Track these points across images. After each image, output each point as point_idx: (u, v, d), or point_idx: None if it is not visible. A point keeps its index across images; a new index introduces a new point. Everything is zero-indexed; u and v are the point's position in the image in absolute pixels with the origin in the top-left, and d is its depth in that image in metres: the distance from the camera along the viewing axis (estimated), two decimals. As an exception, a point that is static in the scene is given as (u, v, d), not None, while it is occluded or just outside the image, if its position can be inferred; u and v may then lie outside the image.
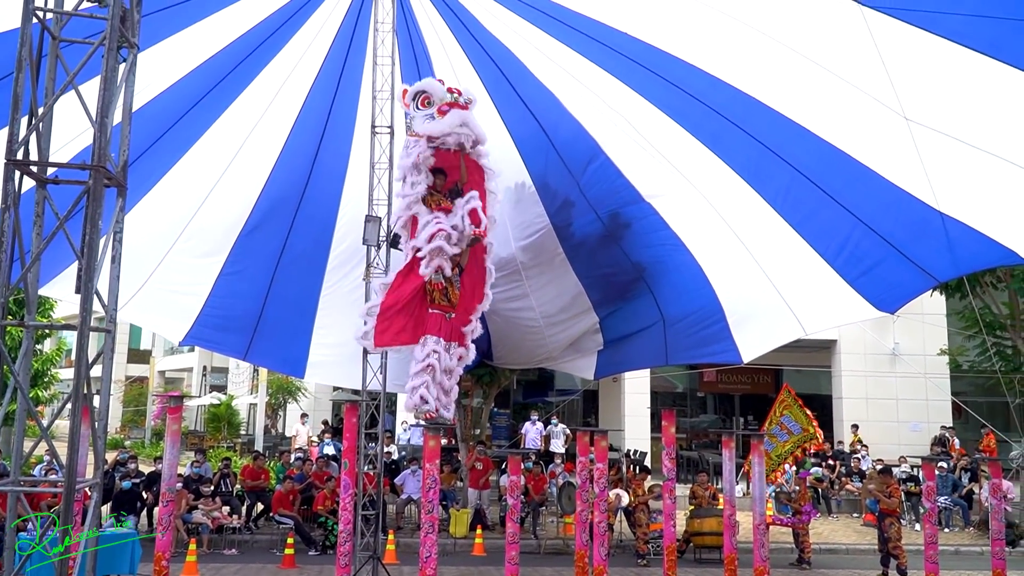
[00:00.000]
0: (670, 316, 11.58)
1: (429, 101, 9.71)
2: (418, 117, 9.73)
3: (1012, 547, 14.17)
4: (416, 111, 9.74)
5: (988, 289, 16.65)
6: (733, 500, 8.09)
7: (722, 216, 10.44)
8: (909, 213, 8.81)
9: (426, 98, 9.73)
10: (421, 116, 9.71)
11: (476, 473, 15.33)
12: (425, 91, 9.78)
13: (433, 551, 6.58)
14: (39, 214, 5.96)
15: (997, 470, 8.89)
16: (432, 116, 9.61)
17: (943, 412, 21.93)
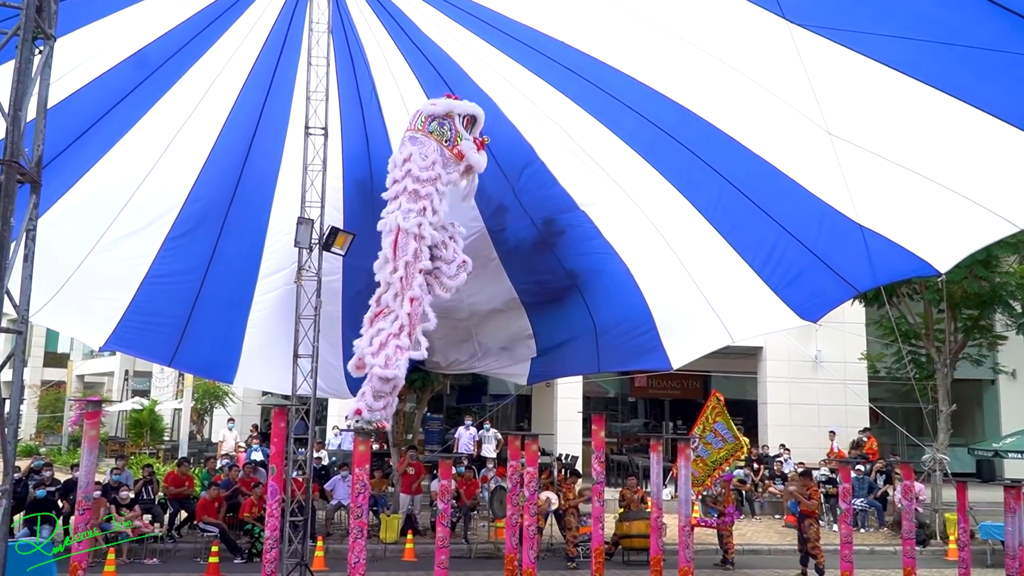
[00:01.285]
0: (602, 325, 11.72)
1: (472, 125, 9.62)
2: (467, 139, 9.55)
3: (923, 546, 14.74)
4: (462, 128, 9.54)
5: (904, 300, 17.28)
6: (660, 503, 8.21)
7: (654, 225, 10.62)
8: (831, 225, 9.10)
9: (470, 121, 9.61)
10: (469, 140, 9.55)
11: (408, 478, 15.23)
12: (476, 117, 9.65)
13: (362, 557, 6.50)
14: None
15: (909, 472, 9.25)
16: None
17: (861, 417, 22.70)
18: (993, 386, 25.74)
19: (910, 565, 8.58)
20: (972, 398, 26.06)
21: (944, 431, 16.48)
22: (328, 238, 10.45)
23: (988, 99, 7.18)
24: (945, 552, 14.87)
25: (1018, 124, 7.17)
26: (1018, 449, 17.57)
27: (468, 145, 9.43)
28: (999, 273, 16.04)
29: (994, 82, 7.06)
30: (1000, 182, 7.91)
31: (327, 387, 12.98)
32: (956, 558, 10.12)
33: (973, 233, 8.55)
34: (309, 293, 10.59)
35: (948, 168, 8.02)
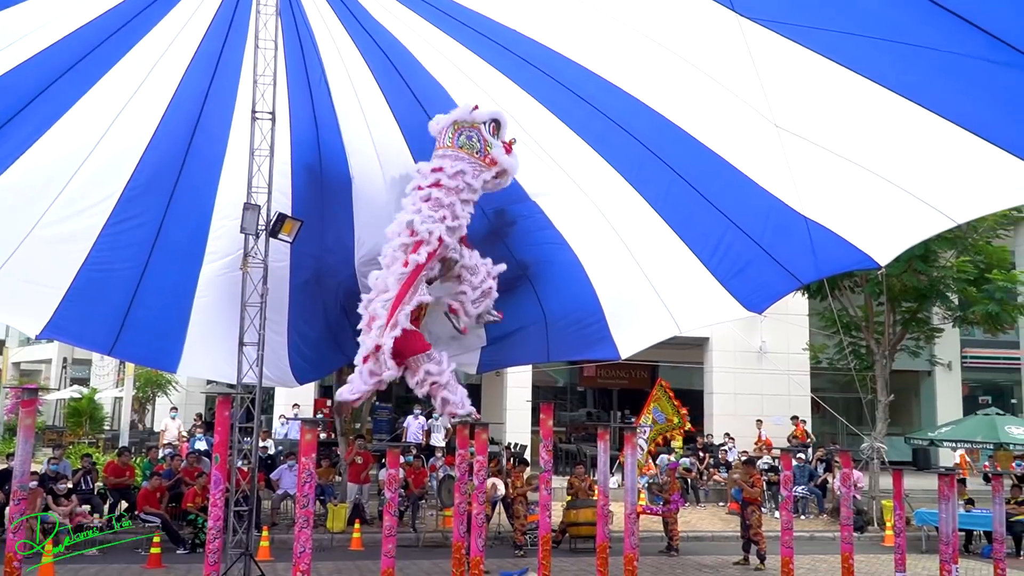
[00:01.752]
0: (552, 315, 11.77)
1: (498, 130, 9.59)
2: (496, 146, 9.55)
3: (860, 532, 15.18)
4: (490, 136, 9.54)
5: (846, 292, 17.70)
6: (607, 491, 8.30)
7: (605, 216, 10.69)
8: (778, 218, 9.27)
9: (495, 127, 9.60)
10: (498, 145, 9.55)
11: (356, 467, 15.13)
12: (499, 121, 9.64)
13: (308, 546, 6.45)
14: None
15: (848, 460, 9.49)
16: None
17: (803, 407, 23.23)
18: (930, 377, 26.59)
19: (848, 551, 8.81)
20: (909, 389, 26.88)
21: (882, 420, 16.96)
22: (275, 224, 10.29)
23: (929, 96, 7.36)
24: (882, 538, 15.32)
25: (957, 121, 7.36)
26: (952, 438, 18.16)
27: (499, 151, 9.56)
28: (937, 267, 16.52)
29: (935, 80, 7.24)
30: (939, 177, 8.13)
31: (273, 376, 12.82)
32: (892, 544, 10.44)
33: (912, 227, 8.79)
34: (255, 280, 10.42)
35: (890, 162, 8.21)
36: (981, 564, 12.92)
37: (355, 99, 10.44)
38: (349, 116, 10.68)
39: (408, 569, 11.47)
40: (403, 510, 14.74)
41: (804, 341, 23.23)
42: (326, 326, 12.68)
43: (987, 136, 7.32)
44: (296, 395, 20.75)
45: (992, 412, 18.81)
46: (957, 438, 17.95)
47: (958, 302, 17.95)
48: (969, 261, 16.44)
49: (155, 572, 11.02)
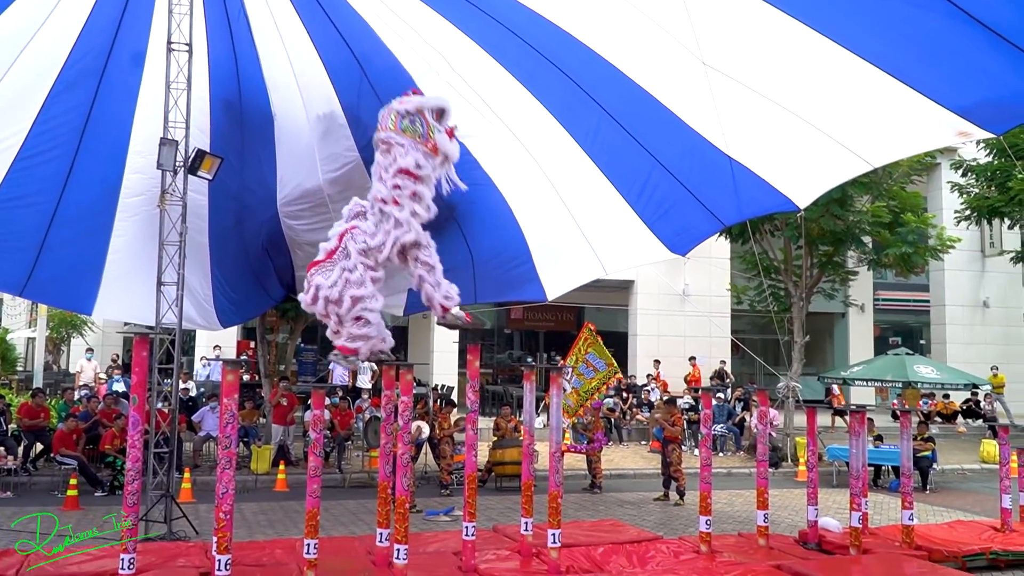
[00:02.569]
0: (480, 256, 11.70)
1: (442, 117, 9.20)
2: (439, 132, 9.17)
3: (775, 468, 15.84)
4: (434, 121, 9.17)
5: (766, 236, 18.13)
6: (532, 431, 8.41)
7: (533, 157, 10.59)
8: (703, 157, 9.31)
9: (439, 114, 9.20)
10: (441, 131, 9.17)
11: (281, 409, 15.04)
12: (445, 109, 9.24)
13: (230, 487, 6.39)
14: None
15: (765, 399, 9.84)
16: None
17: (724, 348, 23.94)
18: (843, 319, 27.64)
19: (763, 485, 9.17)
20: (824, 330, 27.90)
21: (798, 361, 17.58)
22: (194, 161, 9.93)
23: (851, 37, 7.42)
24: (795, 473, 16.03)
25: (878, 64, 7.45)
26: (864, 377, 18.98)
27: (441, 137, 9.27)
28: (853, 212, 17.03)
29: (857, 21, 7.30)
30: (858, 121, 8.27)
31: (199, 318, 12.53)
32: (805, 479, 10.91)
33: (831, 171, 8.98)
34: (174, 218, 10.09)
35: (812, 105, 8.29)
36: (889, 497, 13.66)
37: (276, 32, 10.03)
38: (270, 50, 10.27)
39: (333, 509, 11.54)
40: (328, 451, 14.76)
41: (725, 284, 23.80)
42: (249, 268, 12.40)
43: (906, 80, 7.45)
44: (218, 337, 20.36)
45: (902, 352, 19.67)
46: (868, 377, 18.76)
47: (872, 246, 18.61)
48: (884, 206, 16.99)
49: (72, 514, 10.81)
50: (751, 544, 9.11)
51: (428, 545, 8.73)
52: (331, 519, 10.83)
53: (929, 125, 7.81)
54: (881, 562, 8.61)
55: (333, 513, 11.27)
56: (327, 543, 8.23)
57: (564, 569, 7.73)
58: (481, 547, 8.18)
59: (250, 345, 21.25)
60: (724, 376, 22.83)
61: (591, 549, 8.53)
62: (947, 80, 7.38)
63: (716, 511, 10.46)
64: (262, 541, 9.01)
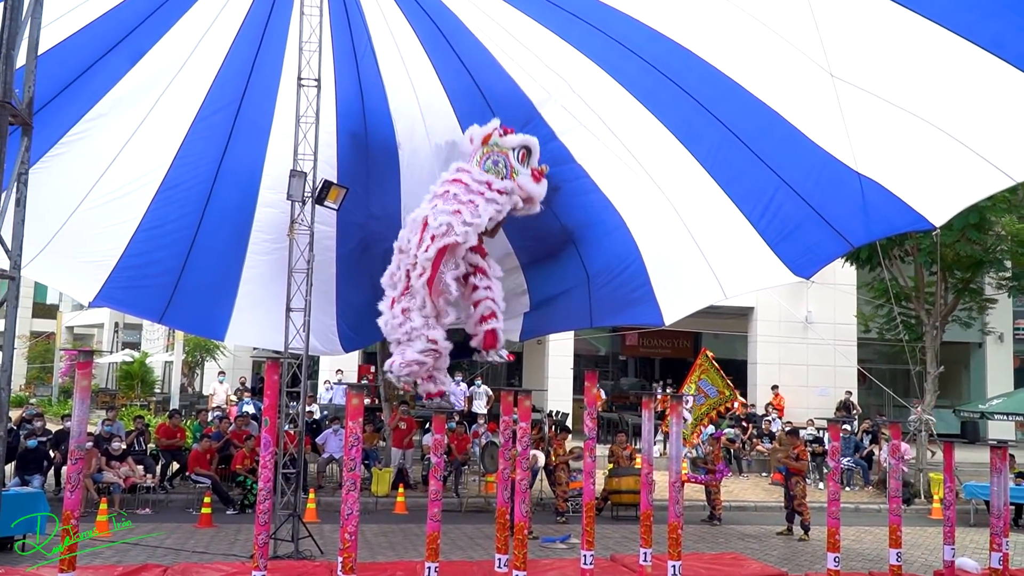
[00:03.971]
0: (596, 276, 11.65)
1: (528, 157, 9.60)
2: (523, 174, 9.58)
3: (907, 505, 14.99)
4: (517, 163, 9.63)
5: (896, 262, 17.35)
6: (651, 459, 8.27)
7: (652, 177, 10.46)
8: (830, 175, 8.94)
9: (525, 154, 9.62)
10: (525, 171, 9.56)
11: (400, 433, 15.33)
12: (530, 148, 9.64)
13: (355, 508, 6.54)
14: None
15: (897, 432, 9.29)
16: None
17: (849, 378, 22.89)
18: (980, 348, 25.99)
19: (896, 522, 8.67)
20: (959, 360, 26.31)
21: (931, 392, 16.69)
22: (321, 191, 10.36)
23: (995, 39, 7.03)
24: (929, 511, 15.13)
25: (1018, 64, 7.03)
26: (1003, 411, 17.78)
27: (525, 179, 9.51)
28: (991, 236, 16.09)
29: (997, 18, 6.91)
30: (998, 131, 7.76)
31: (321, 344, 12.98)
32: (939, 516, 10.27)
33: (970, 185, 8.45)
34: (302, 247, 10.53)
35: (947, 113, 7.86)
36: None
37: (401, 65, 10.39)
38: (395, 82, 10.64)
39: (451, 533, 11.62)
40: (446, 475, 14.89)
41: (852, 311, 22.81)
42: (373, 294, 12.78)
43: None
44: (340, 361, 21.02)
45: (1045, 384, 18.42)
46: (1008, 411, 17.58)
47: (1012, 271, 17.50)
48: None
49: (206, 531, 11.32)
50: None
51: (545, 572, 8.67)
52: (448, 543, 10.90)
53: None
54: (1028, 608, 8.02)
55: (451, 537, 11.35)
56: (447, 567, 8.28)
57: (685, 602, 7.53)
58: None
59: (370, 370, 21.83)
60: (851, 407, 21.84)
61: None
62: None
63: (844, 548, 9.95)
64: (384, 563, 9.17)
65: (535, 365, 24.96)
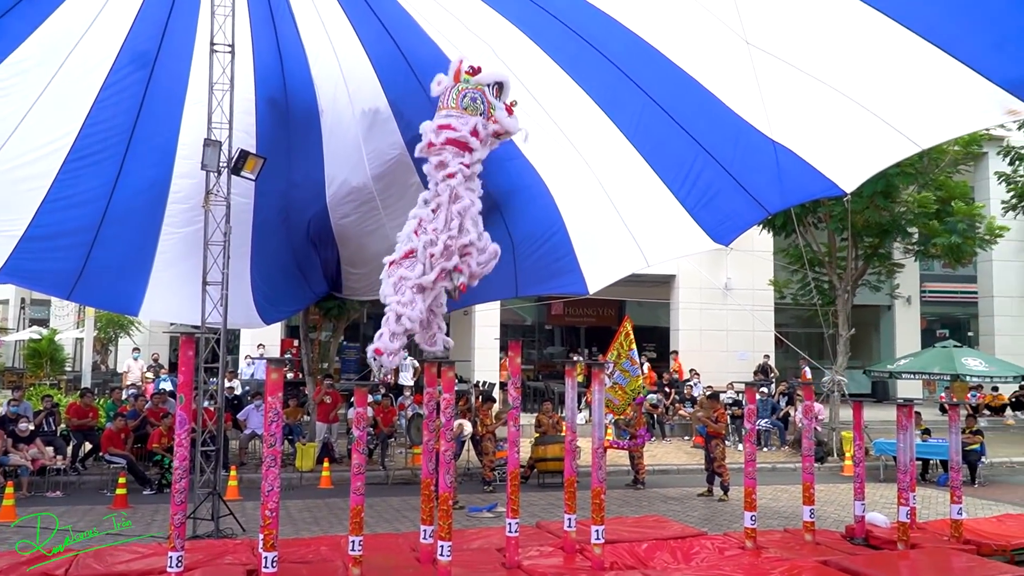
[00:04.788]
0: (521, 246, 11.65)
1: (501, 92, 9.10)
2: (499, 108, 9.01)
3: (820, 463, 15.60)
4: (493, 99, 9.02)
5: (810, 228, 17.87)
6: (575, 427, 8.36)
7: (574, 145, 10.47)
8: (747, 142, 9.10)
9: (499, 90, 9.09)
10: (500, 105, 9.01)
11: (324, 407, 15.19)
12: (503, 83, 9.06)
13: (276, 484, 6.44)
14: None
15: (810, 393, 9.61)
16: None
17: (767, 342, 23.64)
18: (889, 311, 27.16)
19: (809, 480, 9.00)
20: (870, 323, 27.46)
21: (843, 354, 17.32)
22: (237, 161, 10.06)
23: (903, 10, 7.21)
24: (841, 468, 15.80)
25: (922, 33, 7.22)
26: (910, 370, 18.64)
27: (501, 113, 9.10)
28: (898, 203, 16.71)
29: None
30: (905, 99, 7.99)
31: (238, 318, 12.69)
32: (851, 473, 10.71)
33: (878, 153, 8.72)
34: (218, 218, 10.22)
35: (857, 82, 8.05)
36: (937, 492, 13.40)
37: (322, 29, 10.10)
38: (316, 48, 10.35)
39: (378, 506, 11.60)
40: (372, 448, 14.85)
41: (768, 277, 23.52)
42: (293, 263, 12.53)
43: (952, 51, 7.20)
44: (261, 335, 20.64)
45: (949, 345, 19.29)
46: (915, 369, 18.42)
47: (919, 236, 18.24)
48: (930, 196, 16.63)
49: (121, 512, 11.02)
50: (797, 540, 8.95)
51: (472, 542, 8.71)
52: (375, 516, 10.89)
53: (978, 102, 7.54)
54: (929, 557, 8.42)
55: (377, 510, 11.33)
56: (372, 540, 8.25)
57: (608, 565, 7.67)
58: (524, 544, 8.14)
59: (293, 343, 21.50)
60: (768, 371, 22.57)
61: (635, 545, 8.44)
62: (995, 50, 7.08)
63: (761, 507, 10.31)
64: (308, 538, 9.08)
65: (462, 336, 24.97)
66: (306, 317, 16.32)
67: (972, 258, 21.92)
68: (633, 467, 13.89)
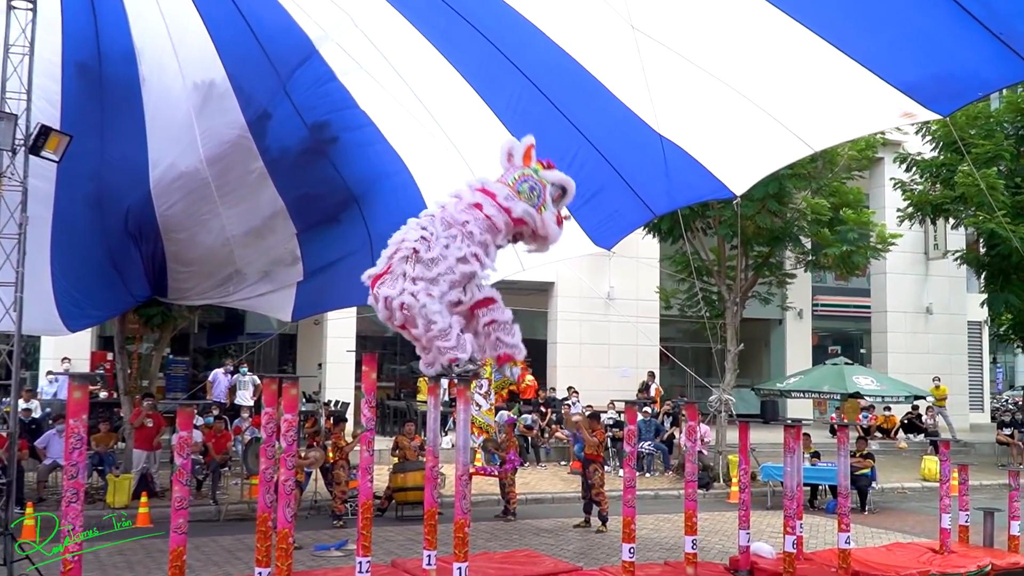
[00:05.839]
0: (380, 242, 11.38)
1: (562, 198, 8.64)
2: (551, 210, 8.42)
3: (706, 489, 16.16)
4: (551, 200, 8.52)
5: (699, 234, 18.53)
6: (437, 451, 8.32)
7: (443, 129, 10.45)
8: (634, 135, 9.30)
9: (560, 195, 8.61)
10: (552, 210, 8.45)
11: (144, 432, 14.53)
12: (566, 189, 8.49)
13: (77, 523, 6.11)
14: None
15: (694, 413, 9.85)
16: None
17: (651, 358, 24.33)
18: (780, 325, 28.52)
19: (691, 508, 9.27)
20: (760, 337, 28.75)
21: (731, 371, 18.00)
22: (37, 139, 9.51)
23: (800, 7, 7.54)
24: (728, 494, 16.40)
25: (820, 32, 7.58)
26: (800, 388, 19.60)
27: (550, 216, 8.70)
28: (791, 208, 17.57)
29: None
30: (799, 99, 8.43)
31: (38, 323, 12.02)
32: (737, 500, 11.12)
33: (770, 154, 9.15)
34: (11, 206, 9.64)
35: (750, 78, 8.40)
36: (825, 520, 14.08)
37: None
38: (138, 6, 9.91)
39: (207, 547, 11.21)
40: (201, 479, 14.36)
41: (654, 286, 24.12)
42: (107, 260, 11.94)
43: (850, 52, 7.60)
44: (67, 347, 19.50)
45: (840, 362, 20.40)
46: (805, 388, 19.40)
47: (811, 246, 19.23)
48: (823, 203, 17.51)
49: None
50: (678, 573, 9.22)
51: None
52: (202, 559, 10.54)
53: (873, 104, 8.04)
54: (816, 590, 8.86)
55: (205, 552, 10.96)
56: (198, 586, 7.99)
57: (472, 608, 7.68)
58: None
59: (107, 357, 20.51)
60: (649, 389, 23.18)
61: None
62: (892, 51, 7.57)
63: (641, 537, 10.56)
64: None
65: (311, 349, 24.55)
66: (123, 325, 15.57)
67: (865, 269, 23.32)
68: (504, 496, 13.96)
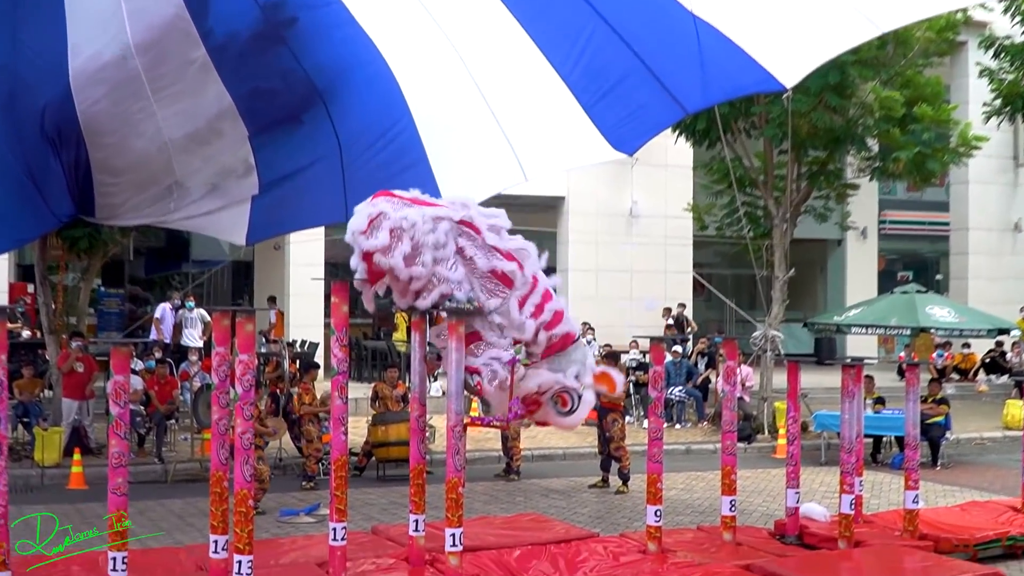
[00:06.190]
0: (351, 147, 11.45)
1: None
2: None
3: (747, 442, 16.28)
4: None
5: (740, 136, 18.29)
6: (423, 398, 8.38)
7: (429, 12, 10.34)
8: (661, 16, 9.20)
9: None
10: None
11: (75, 378, 14.68)
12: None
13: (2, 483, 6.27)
14: None
15: (733, 351, 9.77)
16: None
17: (683, 287, 24.29)
18: (839, 248, 28.35)
19: (729, 463, 9.33)
20: (815, 262, 28.59)
21: (779, 302, 17.96)
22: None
23: None
24: (773, 448, 16.52)
25: None
26: (862, 323, 19.50)
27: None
28: (854, 103, 17.25)
29: None
30: None
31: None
32: (784, 455, 11.21)
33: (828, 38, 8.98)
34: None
35: None
36: (890, 476, 14.22)
37: None
38: None
39: (152, 511, 11.42)
40: (143, 433, 14.54)
41: (686, 201, 23.90)
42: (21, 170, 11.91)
43: None
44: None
45: (912, 290, 20.35)
46: (868, 322, 19.33)
47: (878, 150, 18.95)
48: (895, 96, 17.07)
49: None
50: (713, 540, 9.36)
51: (283, 555, 8.71)
52: (149, 524, 10.70)
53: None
54: (875, 556, 8.99)
55: (151, 517, 11.16)
56: (141, 557, 8.16)
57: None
58: (355, 554, 8.19)
59: (27, 289, 20.62)
60: (684, 324, 23.16)
61: (504, 553, 8.63)
62: None
63: (670, 499, 10.70)
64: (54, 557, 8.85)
65: (272, 278, 24.54)
66: (43, 252, 15.60)
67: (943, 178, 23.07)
68: (506, 451, 14.10)
